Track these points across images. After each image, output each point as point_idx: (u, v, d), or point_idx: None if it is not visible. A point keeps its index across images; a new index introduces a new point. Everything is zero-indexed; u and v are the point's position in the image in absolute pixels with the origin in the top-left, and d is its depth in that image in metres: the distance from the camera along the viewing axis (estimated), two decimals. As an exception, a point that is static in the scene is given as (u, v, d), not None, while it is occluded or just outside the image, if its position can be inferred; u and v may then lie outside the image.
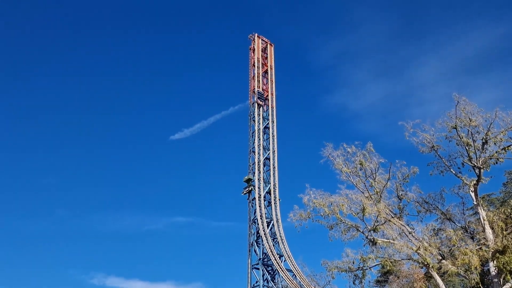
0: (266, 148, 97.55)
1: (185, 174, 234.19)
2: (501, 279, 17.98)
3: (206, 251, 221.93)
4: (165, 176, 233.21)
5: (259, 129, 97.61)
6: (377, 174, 21.54)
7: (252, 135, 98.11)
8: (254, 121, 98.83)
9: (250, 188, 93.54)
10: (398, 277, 35.26)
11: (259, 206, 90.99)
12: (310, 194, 21.25)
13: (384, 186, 21.45)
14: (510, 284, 18.68)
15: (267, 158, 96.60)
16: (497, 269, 17.63)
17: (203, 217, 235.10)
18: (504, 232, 17.14)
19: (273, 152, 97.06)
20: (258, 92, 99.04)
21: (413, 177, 21.59)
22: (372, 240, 20.26)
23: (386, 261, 20.32)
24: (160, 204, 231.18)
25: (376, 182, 21.49)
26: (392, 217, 21.17)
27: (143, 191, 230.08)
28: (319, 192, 21.32)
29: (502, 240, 16.93)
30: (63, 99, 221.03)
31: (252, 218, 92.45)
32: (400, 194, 22.24)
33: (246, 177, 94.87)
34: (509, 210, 17.69)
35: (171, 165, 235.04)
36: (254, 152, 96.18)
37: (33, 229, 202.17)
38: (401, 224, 21.00)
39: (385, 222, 20.00)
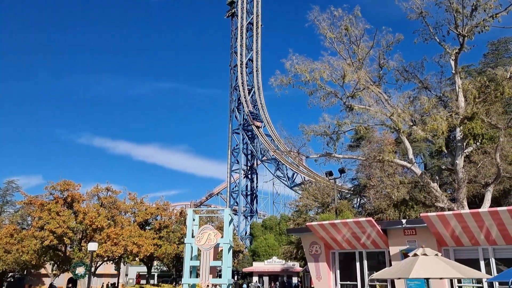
0: (249, 12, 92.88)
1: (168, 39, 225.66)
2: (464, 144, 19.29)
3: (190, 116, 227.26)
4: (147, 40, 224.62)
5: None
6: (361, 40, 21.16)
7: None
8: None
9: (233, 11, 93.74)
10: (369, 142, 37.19)
11: (241, 73, 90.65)
12: (293, 59, 21.02)
13: (367, 54, 21.29)
14: (471, 148, 20.19)
15: (250, 23, 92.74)
16: (462, 134, 18.75)
17: (187, 84, 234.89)
18: (476, 100, 17.74)
19: (257, 16, 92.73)
20: None
21: (397, 45, 21.35)
22: (349, 106, 20.84)
23: (360, 126, 21.15)
24: (144, 68, 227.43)
25: (359, 49, 21.23)
26: (371, 84, 21.49)
27: (126, 54, 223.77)
28: (301, 57, 21.12)
29: (473, 108, 17.62)
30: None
31: (233, 85, 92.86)
32: (381, 62, 22.25)
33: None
34: (484, 79, 18.05)
35: (153, 29, 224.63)
36: (236, 16, 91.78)
37: (14, 90, 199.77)
38: (378, 91, 21.43)
39: (363, 89, 20.34)
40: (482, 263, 11.38)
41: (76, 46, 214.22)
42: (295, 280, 56.72)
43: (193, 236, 15.72)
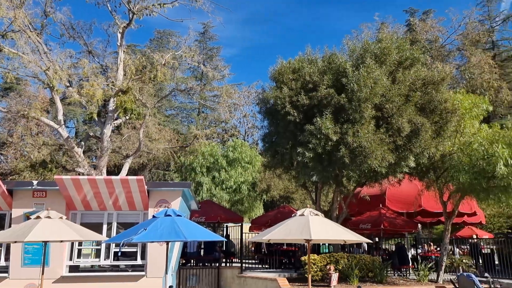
0: None
1: None
2: (115, 115, 20.22)
3: None
4: None
5: None
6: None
7: None
8: None
9: None
10: (20, 96, 33.30)
11: None
12: None
13: (33, -6, 18.75)
14: (121, 120, 21.37)
15: None
16: (115, 106, 19.55)
17: None
18: (133, 76, 18.90)
19: None
20: None
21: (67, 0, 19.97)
22: (-2, 46, 17.71)
23: (9, 73, 18.46)
24: None
25: (23, -14, 18.39)
26: (31, 30, 19.09)
27: None
28: None
29: (129, 83, 18.67)
30: None
31: None
32: (48, 10, 20.45)
33: None
34: (143, 60, 19.55)
35: None
36: None
37: None
38: (38, 40, 19.28)
39: (19, 31, 17.73)
40: (105, 227, 12.09)
41: None
42: None
43: None
